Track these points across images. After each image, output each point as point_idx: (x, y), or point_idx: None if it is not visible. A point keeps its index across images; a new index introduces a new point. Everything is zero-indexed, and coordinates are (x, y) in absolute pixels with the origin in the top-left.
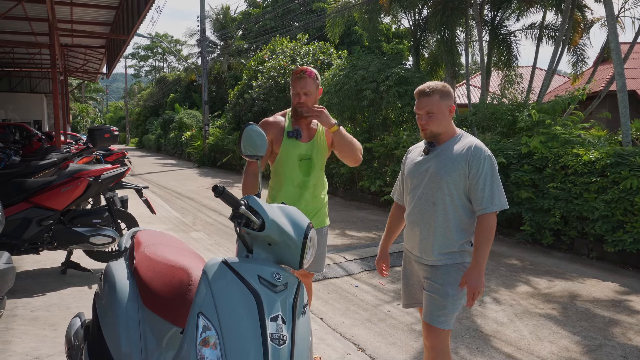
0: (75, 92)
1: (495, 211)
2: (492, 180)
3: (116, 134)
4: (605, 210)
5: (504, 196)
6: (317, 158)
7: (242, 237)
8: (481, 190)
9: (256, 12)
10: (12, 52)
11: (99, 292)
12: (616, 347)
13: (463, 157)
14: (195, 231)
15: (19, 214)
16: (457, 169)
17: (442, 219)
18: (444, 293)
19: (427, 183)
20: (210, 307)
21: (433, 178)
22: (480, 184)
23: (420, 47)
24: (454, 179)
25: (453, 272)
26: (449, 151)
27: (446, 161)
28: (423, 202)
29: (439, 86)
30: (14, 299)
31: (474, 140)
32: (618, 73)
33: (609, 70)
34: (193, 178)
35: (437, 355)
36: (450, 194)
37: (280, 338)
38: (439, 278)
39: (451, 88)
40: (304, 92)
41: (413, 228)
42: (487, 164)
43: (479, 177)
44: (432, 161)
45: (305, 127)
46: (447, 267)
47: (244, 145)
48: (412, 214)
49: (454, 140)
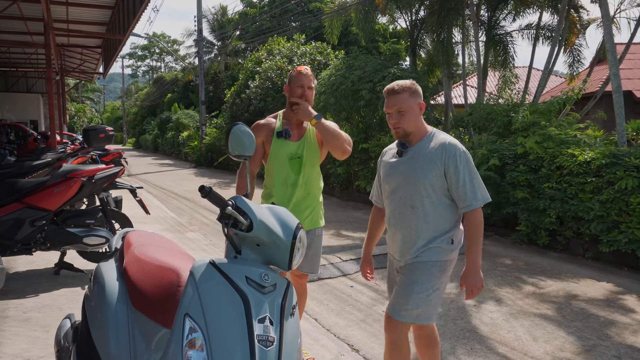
0: (72, 92)
1: (480, 206)
2: (470, 175)
3: (111, 134)
4: (601, 211)
5: (485, 189)
6: (307, 157)
7: (230, 238)
8: (462, 187)
9: (253, 13)
10: (8, 52)
11: (88, 294)
12: (610, 347)
13: (438, 157)
14: (191, 232)
15: (11, 215)
16: (433, 169)
17: (423, 221)
18: (409, 289)
19: (404, 186)
20: (197, 309)
21: (409, 181)
22: (460, 180)
23: (417, 47)
24: (431, 180)
25: (424, 269)
26: (423, 151)
27: (421, 162)
28: (401, 206)
29: (407, 84)
30: (6, 300)
31: (447, 138)
32: (614, 74)
33: (605, 70)
34: (190, 178)
35: (395, 349)
36: (428, 196)
37: (267, 340)
38: (408, 273)
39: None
40: (308, 85)
41: (394, 232)
42: (463, 159)
43: (457, 174)
44: (407, 163)
45: (295, 127)
46: (419, 264)
47: (232, 145)
48: (392, 218)
49: (426, 140)
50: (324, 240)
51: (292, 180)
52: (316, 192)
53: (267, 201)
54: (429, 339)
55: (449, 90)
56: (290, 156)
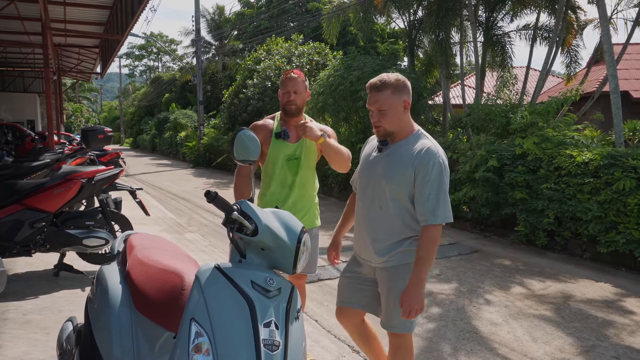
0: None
1: (438, 224)
2: (438, 190)
3: (110, 134)
4: (599, 211)
5: (450, 209)
6: (305, 158)
7: (235, 242)
8: (425, 199)
9: (250, 13)
10: (4, 52)
11: (91, 297)
12: (609, 348)
13: (411, 162)
14: (190, 232)
15: (11, 216)
16: (403, 173)
17: (389, 222)
18: (389, 298)
19: (374, 185)
20: (203, 313)
21: (379, 181)
22: (425, 192)
23: (415, 48)
24: (398, 183)
25: (398, 274)
26: (399, 153)
27: (393, 164)
28: (369, 204)
29: (391, 79)
30: (6, 302)
31: (427, 143)
32: (611, 74)
33: (602, 71)
34: (188, 178)
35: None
36: (394, 199)
37: (273, 344)
38: (387, 281)
39: (407, 82)
40: (294, 90)
41: (360, 230)
42: (436, 171)
43: (424, 184)
44: (381, 162)
45: (293, 127)
46: (395, 268)
47: (237, 150)
48: (360, 215)
49: (408, 140)
50: (322, 241)
51: (290, 181)
52: (312, 193)
53: (262, 200)
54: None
55: (447, 90)
56: (288, 157)
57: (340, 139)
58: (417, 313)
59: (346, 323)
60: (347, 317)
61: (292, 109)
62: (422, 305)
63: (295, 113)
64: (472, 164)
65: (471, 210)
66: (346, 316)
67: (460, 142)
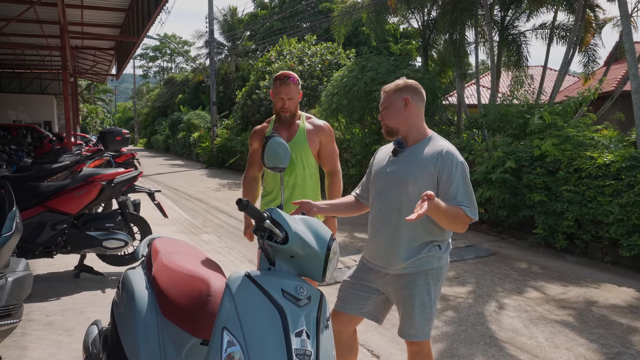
0: (85, 93)
1: (470, 216)
2: (465, 188)
3: (127, 136)
4: (620, 214)
5: (476, 207)
6: (297, 158)
7: (265, 250)
8: (454, 196)
9: (263, 14)
10: (22, 54)
11: (117, 300)
12: (636, 356)
13: (432, 162)
14: (206, 233)
15: (33, 218)
16: (425, 173)
17: (408, 225)
18: (410, 304)
19: (392, 187)
20: (235, 322)
21: (399, 182)
22: (452, 190)
23: (429, 48)
24: (420, 184)
25: (420, 281)
26: (418, 154)
27: (414, 165)
28: (388, 208)
29: (399, 82)
30: (30, 303)
31: (445, 144)
32: (633, 74)
33: (621, 69)
34: (201, 179)
35: (418, 357)
36: (415, 201)
37: (305, 354)
38: (405, 288)
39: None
40: (288, 97)
41: (376, 235)
42: (459, 170)
43: (451, 183)
44: (399, 164)
45: (285, 129)
46: (413, 276)
47: (267, 157)
48: (376, 219)
49: (423, 143)
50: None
51: (284, 181)
52: (312, 193)
53: (263, 200)
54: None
55: (461, 90)
56: None
57: (354, 140)
58: (423, 212)
59: (338, 328)
60: (341, 322)
61: (286, 116)
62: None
63: (289, 119)
64: (489, 165)
65: (487, 212)
66: (341, 321)
67: (476, 143)
